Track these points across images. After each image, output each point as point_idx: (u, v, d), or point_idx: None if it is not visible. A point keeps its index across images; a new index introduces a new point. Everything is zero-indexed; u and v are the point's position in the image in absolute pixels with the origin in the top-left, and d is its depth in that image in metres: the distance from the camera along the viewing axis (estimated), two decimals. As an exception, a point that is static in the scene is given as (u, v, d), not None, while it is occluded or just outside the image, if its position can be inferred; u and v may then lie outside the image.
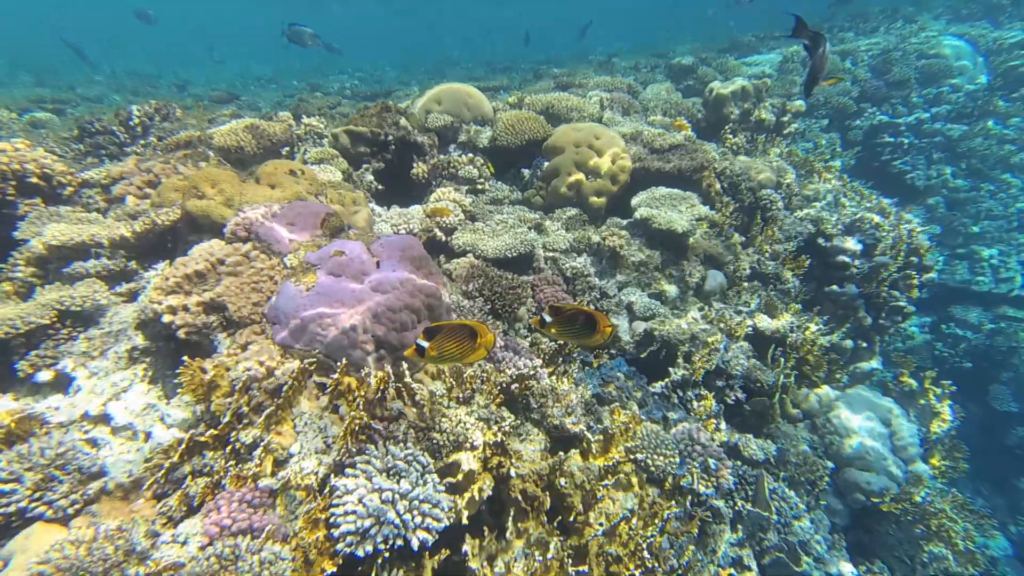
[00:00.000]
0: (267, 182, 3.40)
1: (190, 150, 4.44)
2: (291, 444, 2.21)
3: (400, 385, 2.46)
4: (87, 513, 1.79)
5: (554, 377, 3.00)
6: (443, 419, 2.38)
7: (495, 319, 3.25)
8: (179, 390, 2.20)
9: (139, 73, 15.17)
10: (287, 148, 4.70)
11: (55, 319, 2.49)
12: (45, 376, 2.36)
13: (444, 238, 3.94)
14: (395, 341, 2.58)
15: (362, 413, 2.27)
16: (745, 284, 4.45)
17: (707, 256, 4.43)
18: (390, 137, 4.20)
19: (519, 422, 2.62)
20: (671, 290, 4.02)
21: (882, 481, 4.54)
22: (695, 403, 3.55)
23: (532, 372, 2.76)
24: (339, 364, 2.37)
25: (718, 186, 4.68)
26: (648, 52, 12.18)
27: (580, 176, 4.51)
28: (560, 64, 11.80)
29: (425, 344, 1.73)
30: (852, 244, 4.87)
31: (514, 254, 3.75)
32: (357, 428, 2.25)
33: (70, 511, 1.74)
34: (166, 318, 2.41)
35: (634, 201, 4.38)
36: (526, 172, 4.90)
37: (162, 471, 1.92)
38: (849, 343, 5.24)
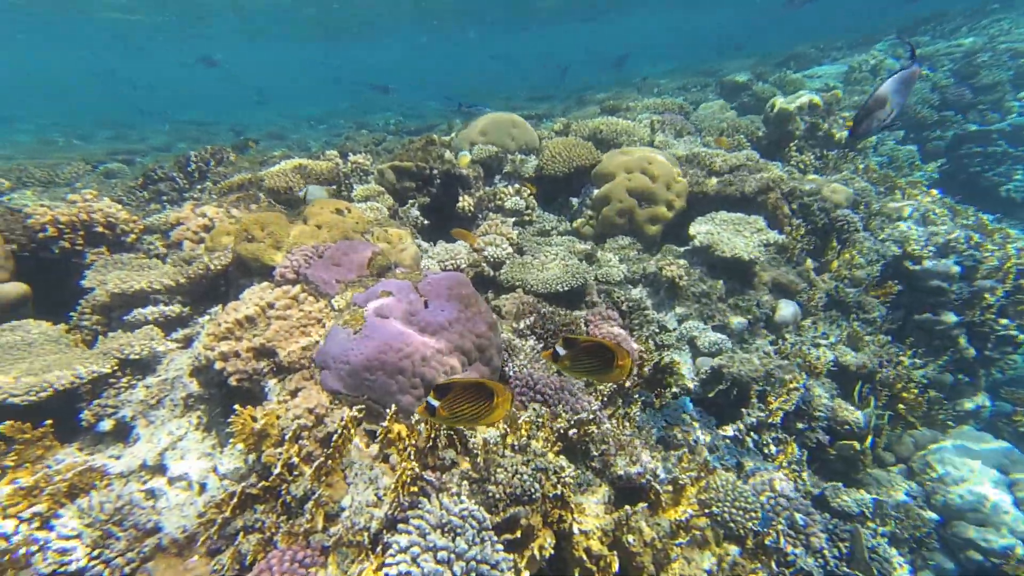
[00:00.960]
0: (314, 222, 3.53)
1: (242, 193, 4.71)
2: (342, 497, 2.19)
3: (452, 433, 2.42)
4: (143, 572, 1.82)
5: (614, 420, 2.88)
6: (499, 470, 2.31)
7: (548, 358, 3.17)
8: (231, 439, 2.25)
9: (199, 121, 16.58)
10: (334, 186, 4.91)
11: (116, 367, 2.63)
12: (106, 425, 2.48)
13: (492, 273, 3.94)
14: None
15: (413, 464, 2.23)
16: (822, 314, 4.18)
17: (776, 284, 4.21)
18: (435, 171, 4.30)
19: (579, 472, 2.50)
20: (738, 322, 3.82)
21: (1004, 538, 4.04)
22: (772, 448, 3.31)
23: (591, 416, 2.66)
24: (388, 411, 2.37)
25: (786, 208, 4.48)
26: (693, 72, 12.12)
27: (632, 203, 4.44)
28: (602, 89, 11.92)
29: (436, 404, 1.62)
30: (948, 267, 4.50)
31: (565, 288, 3.69)
32: (408, 480, 2.21)
33: (127, 571, 1.77)
34: (218, 365, 2.49)
35: (693, 228, 4.26)
36: (575, 201, 4.88)
37: (215, 527, 1.94)
38: (948, 377, 4.79)
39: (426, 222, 4.47)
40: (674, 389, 3.38)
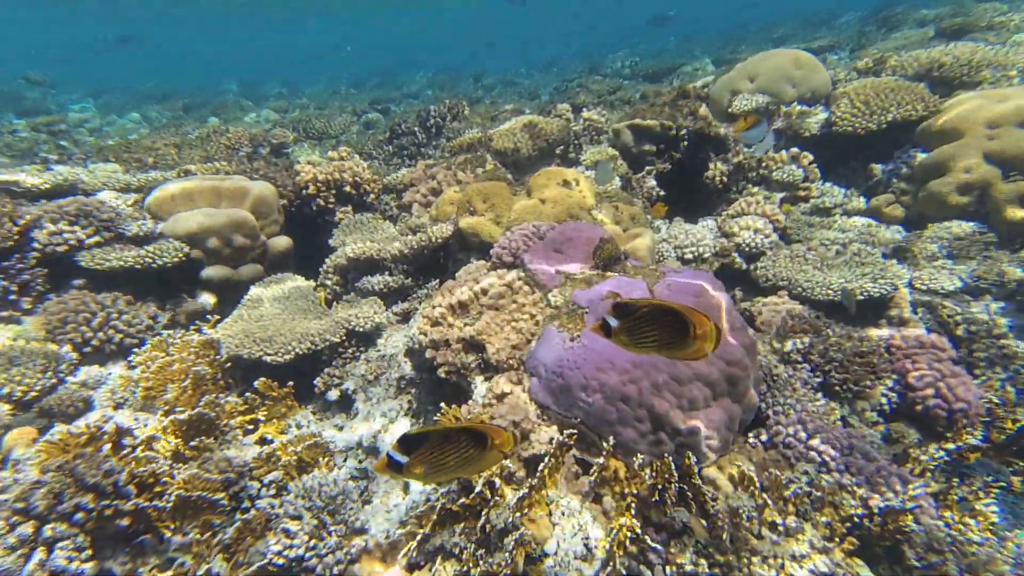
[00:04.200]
0: (538, 195, 3.31)
1: (470, 154, 4.80)
2: (546, 539, 1.95)
3: (686, 486, 1.96)
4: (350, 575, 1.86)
5: (948, 512, 2.03)
6: (754, 557, 1.78)
7: (828, 398, 2.42)
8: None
9: (447, 68, 18.56)
10: (561, 147, 4.66)
11: (344, 337, 2.84)
12: (333, 395, 2.70)
13: (744, 265, 3.22)
14: (679, 423, 2.08)
15: (633, 520, 1.86)
16: None
17: None
18: (683, 131, 3.65)
19: (880, 589, 1.81)
20: None
21: None
22: None
23: (907, 504, 1.89)
24: (605, 443, 2.02)
25: None
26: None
27: (991, 173, 3.12)
28: (923, 5, 9.07)
29: (403, 460, 1.22)
30: None
31: (860, 296, 2.78)
32: (625, 538, 1.85)
33: (335, 571, 1.82)
34: (429, 353, 2.47)
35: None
36: (877, 168, 3.69)
37: (415, 540, 1.89)
38: None
39: (662, 193, 3.89)
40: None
